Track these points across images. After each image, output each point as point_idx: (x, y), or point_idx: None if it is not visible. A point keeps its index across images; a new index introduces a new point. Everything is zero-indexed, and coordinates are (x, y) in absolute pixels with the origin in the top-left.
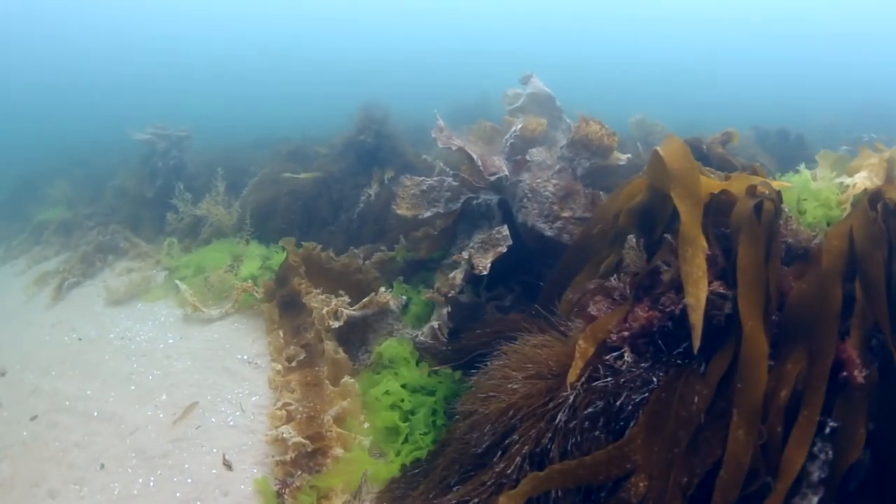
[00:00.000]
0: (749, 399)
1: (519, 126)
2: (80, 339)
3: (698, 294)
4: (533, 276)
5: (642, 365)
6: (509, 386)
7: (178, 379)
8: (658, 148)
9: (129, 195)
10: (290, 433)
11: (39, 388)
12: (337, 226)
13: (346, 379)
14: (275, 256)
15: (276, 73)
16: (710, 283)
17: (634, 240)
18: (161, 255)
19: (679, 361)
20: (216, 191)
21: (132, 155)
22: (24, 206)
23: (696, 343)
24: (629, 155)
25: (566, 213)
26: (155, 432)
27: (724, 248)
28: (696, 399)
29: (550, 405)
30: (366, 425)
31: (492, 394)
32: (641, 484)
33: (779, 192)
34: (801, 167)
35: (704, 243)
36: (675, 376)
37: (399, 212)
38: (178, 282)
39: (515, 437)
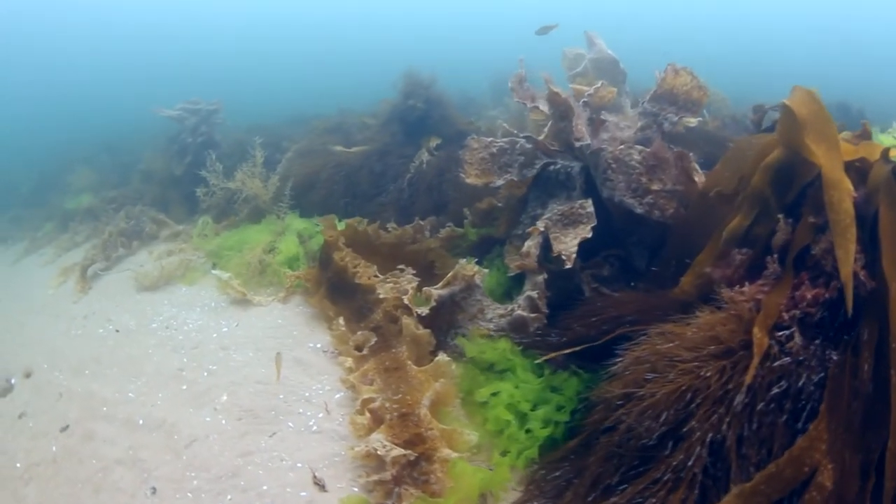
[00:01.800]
0: None
1: (590, 91)
2: (117, 332)
3: (847, 245)
4: (621, 251)
5: (815, 342)
6: (680, 367)
7: (239, 375)
8: (785, 101)
9: (157, 176)
10: (384, 445)
11: (71, 390)
12: (386, 197)
13: (441, 357)
14: (318, 235)
15: (304, 51)
16: None
17: (773, 201)
18: (195, 236)
19: (846, 336)
20: (252, 162)
21: (160, 138)
22: (50, 196)
23: (850, 303)
24: (699, 119)
25: (655, 186)
26: (218, 444)
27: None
28: (865, 367)
29: (730, 386)
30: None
31: (654, 376)
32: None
33: None
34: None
35: (850, 185)
36: (842, 349)
37: (468, 180)
38: (215, 271)
39: (695, 423)
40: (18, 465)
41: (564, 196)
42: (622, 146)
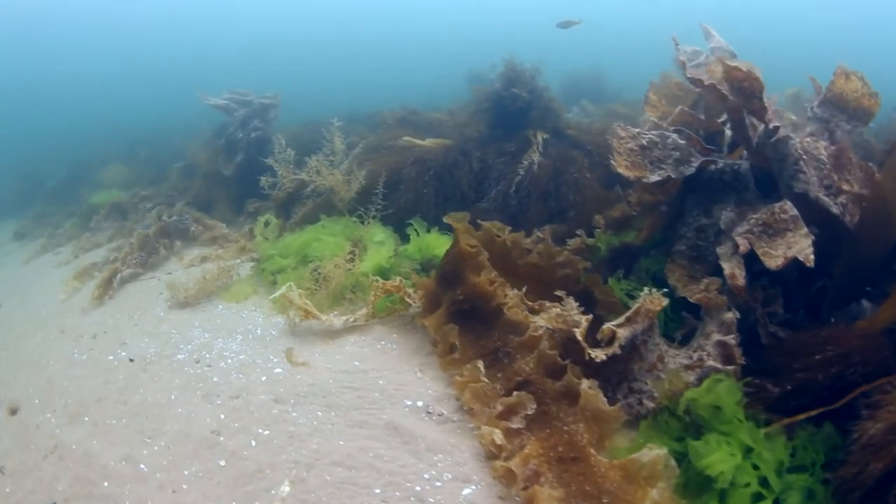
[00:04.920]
0: None
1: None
2: (131, 361)
3: None
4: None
5: None
6: None
7: (306, 449)
8: None
9: (200, 172)
10: None
11: (64, 445)
12: (489, 202)
13: (655, 451)
14: (410, 243)
15: (336, 48)
16: None
17: None
18: (245, 239)
19: None
20: (330, 149)
21: (205, 132)
22: (76, 192)
23: None
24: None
25: (846, 186)
26: None
27: None
28: None
29: None
30: None
31: None
32: None
33: None
34: None
35: None
36: None
37: (619, 170)
38: (275, 276)
39: None
40: None
41: (734, 199)
42: (808, 137)
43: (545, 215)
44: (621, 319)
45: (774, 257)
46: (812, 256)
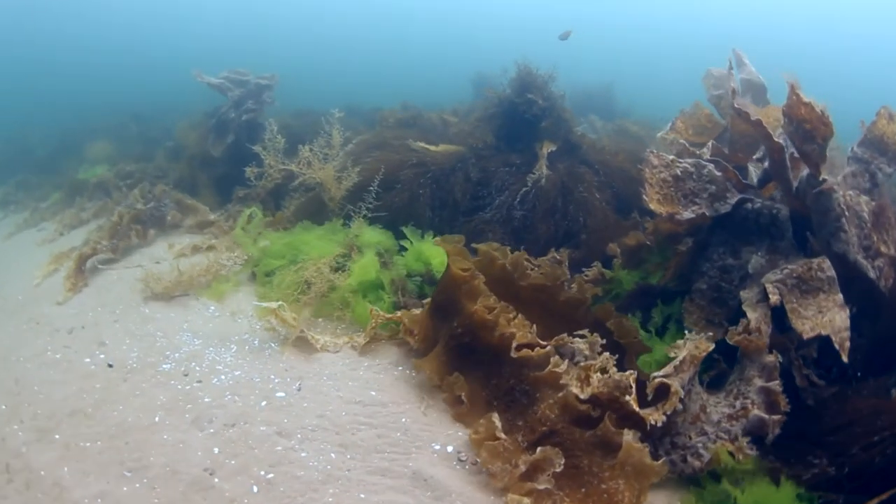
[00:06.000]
0: None
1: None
2: (110, 366)
3: None
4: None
5: None
6: None
7: (320, 502)
8: None
9: (187, 154)
10: None
11: (31, 468)
12: (490, 213)
13: None
14: (408, 253)
15: (334, 41)
16: None
17: None
18: (238, 228)
19: None
20: (324, 141)
21: (197, 113)
22: (64, 163)
23: None
24: None
25: (884, 248)
26: None
27: None
28: None
29: None
30: None
31: None
32: None
33: None
34: None
35: None
36: None
37: (651, 206)
38: (257, 303)
39: None
40: None
41: (766, 245)
42: (850, 191)
43: (553, 234)
44: (670, 369)
45: (803, 319)
46: (847, 344)
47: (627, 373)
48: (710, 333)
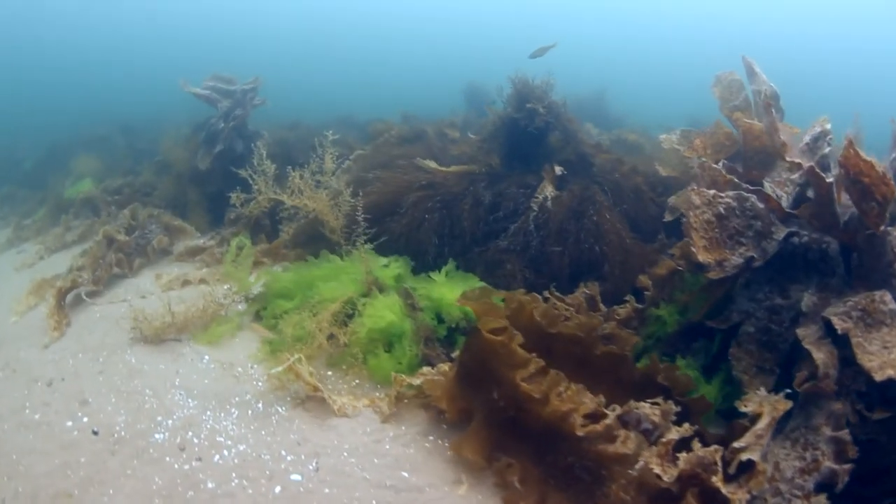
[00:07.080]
0: None
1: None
2: (95, 434)
3: None
4: None
5: None
6: None
7: None
8: None
9: (174, 170)
10: None
11: None
12: (508, 241)
13: None
14: (421, 287)
15: (324, 51)
16: None
17: None
18: (226, 262)
19: None
20: (316, 165)
21: (185, 126)
22: (52, 176)
23: None
24: None
25: None
26: None
27: None
28: None
29: None
30: None
31: None
32: None
33: None
34: None
35: None
36: None
37: (700, 257)
38: (274, 370)
39: None
40: None
41: (816, 283)
42: None
43: (567, 262)
44: (751, 438)
45: (869, 355)
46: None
47: (713, 448)
48: (783, 395)
